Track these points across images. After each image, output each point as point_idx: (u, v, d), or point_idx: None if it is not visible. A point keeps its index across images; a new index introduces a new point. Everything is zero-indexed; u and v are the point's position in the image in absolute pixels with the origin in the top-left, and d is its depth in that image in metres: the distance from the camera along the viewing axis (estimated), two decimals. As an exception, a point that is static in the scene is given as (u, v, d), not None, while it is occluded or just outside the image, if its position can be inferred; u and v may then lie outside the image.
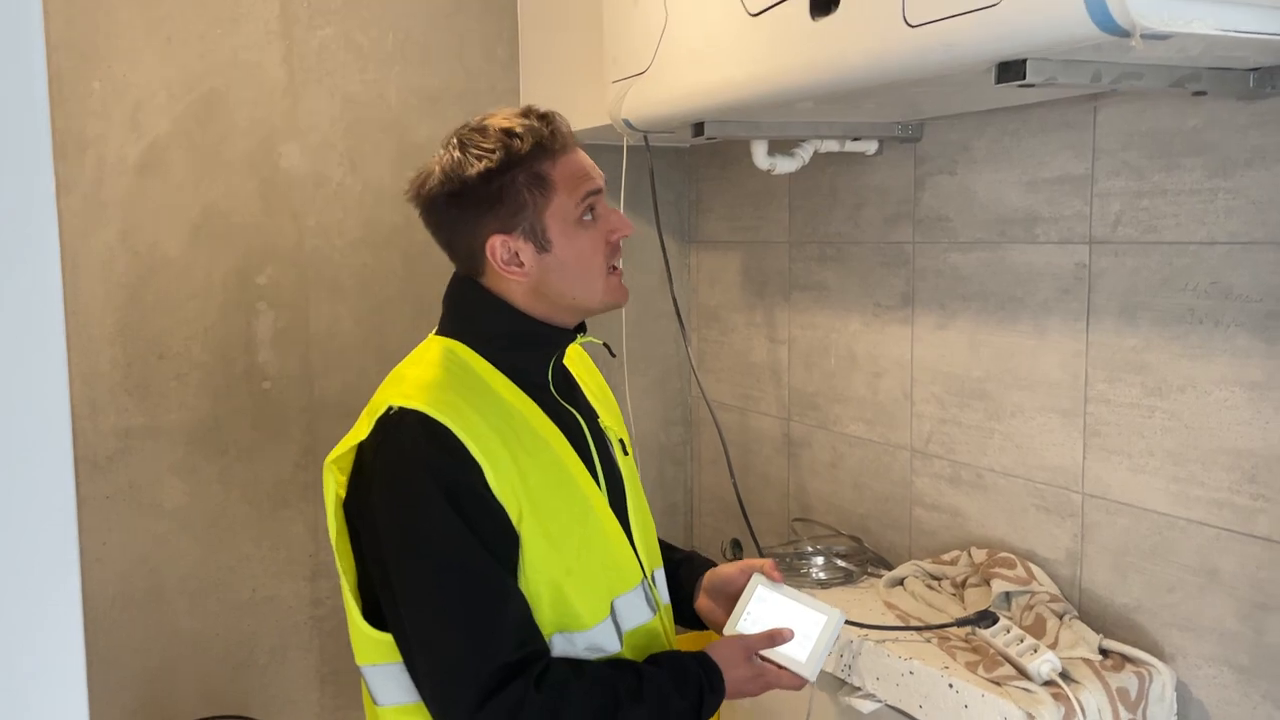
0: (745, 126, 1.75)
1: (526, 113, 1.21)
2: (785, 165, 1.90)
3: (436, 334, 1.27)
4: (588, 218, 1.21)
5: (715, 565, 1.42)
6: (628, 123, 1.80)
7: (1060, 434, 1.64)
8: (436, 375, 1.18)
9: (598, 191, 1.22)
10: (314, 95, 2.13)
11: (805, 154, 1.91)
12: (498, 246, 1.18)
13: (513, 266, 1.19)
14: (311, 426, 2.19)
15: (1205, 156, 1.41)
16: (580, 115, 2.15)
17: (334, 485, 1.19)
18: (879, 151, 1.96)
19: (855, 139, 1.90)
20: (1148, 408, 1.51)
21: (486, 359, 1.21)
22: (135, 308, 2.01)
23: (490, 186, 1.16)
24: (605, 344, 1.40)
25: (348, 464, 1.19)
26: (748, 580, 1.32)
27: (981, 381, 1.78)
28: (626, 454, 1.36)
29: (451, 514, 1.10)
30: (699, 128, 1.69)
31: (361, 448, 1.17)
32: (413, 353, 1.26)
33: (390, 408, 1.15)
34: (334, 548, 1.21)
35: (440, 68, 2.26)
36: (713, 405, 2.41)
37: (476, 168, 1.16)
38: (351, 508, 1.19)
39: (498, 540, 1.12)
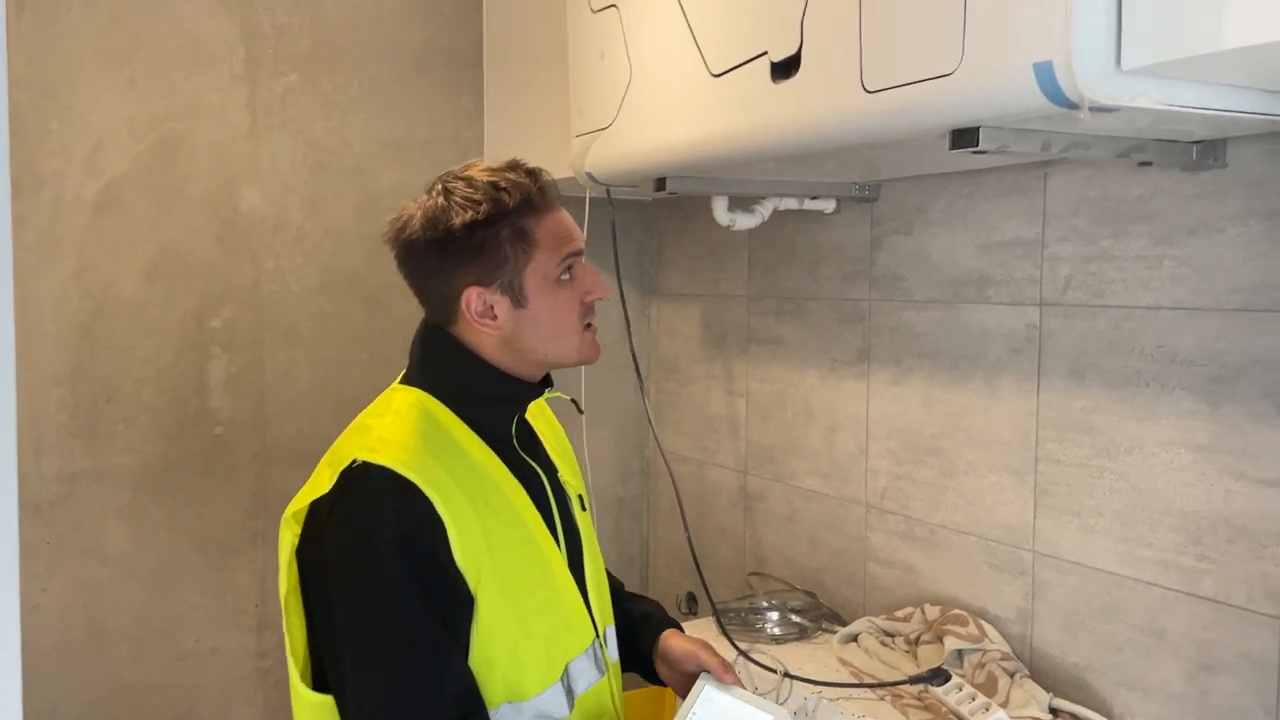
0: (706, 183, 1.77)
1: (514, 166, 1.21)
2: (745, 221, 1.92)
3: (401, 383, 1.24)
4: (565, 277, 1.21)
5: (674, 624, 1.41)
6: (591, 175, 1.82)
7: (1012, 492, 1.66)
8: (404, 428, 1.15)
9: (579, 253, 1.23)
10: (276, 140, 2.13)
11: (765, 211, 1.93)
12: (474, 298, 1.18)
13: (486, 319, 1.19)
14: (263, 473, 2.15)
15: (1151, 224, 1.46)
16: (543, 165, 2.17)
17: (290, 540, 1.16)
18: (837, 210, 1.99)
19: (814, 198, 1.94)
20: (1097, 468, 1.53)
21: (453, 411, 1.19)
22: (86, 348, 1.98)
23: (473, 238, 1.15)
24: (573, 400, 1.39)
25: (303, 516, 1.16)
26: (694, 669, 1.28)
27: (935, 438, 1.80)
28: (585, 509, 1.35)
29: (407, 578, 1.07)
30: (661, 183, 1.71)
31: (318, 499, 1.13)
32: (377, 402, 1.24)
33: (355, 460, 1.11)
34: (283, 603, 1.17)
35: (404, 116, 2.27)
36: (669, 457, 2.41)
37: (462, 217, 1.15)
38: (304, 560, 1.15)
39: (452, 607, 1.10)
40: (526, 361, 1.23)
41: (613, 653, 1.31)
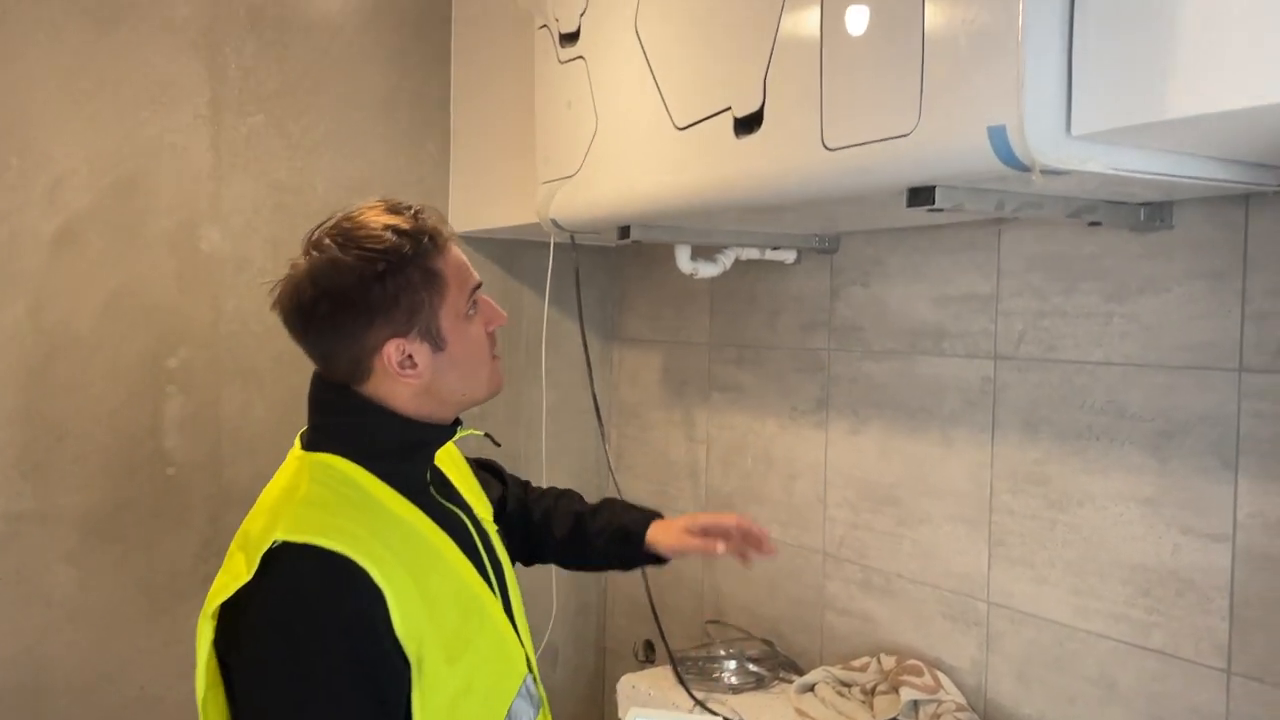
0: (670, 232, 1.79)
1: (397, 208, 1.14)
2: (707, 270, 1.95)
3: (304, 449, 1.15)
4: (472, 312, 1.17)
5: (640, 522, 1.49)
6: (556, 222, 1.84)
7: (967, 542, 1.68)
8: (323, 498, 1.08)
9: (480, 284, 1.20)
10: (240, 180, 2.13)
11: (727, 260, 1.96)
12: (392, 351, 1.10)
13: (407, 369, 1.12)
14: (215, 516, 2.12)
15: (1101, 282, 1.49)
16: (508, 211, 2.19)
17: (208, 635, 1.06)
18: (797, 261, 2.02)
19: (775, 248, 1.97)
20: (1049, 520, 1.56)
21: (370, 470, 1.12)
22: (38, 386, 1.95)
23: (385, 288, 1.08)
24: (486, 434, 1.36)
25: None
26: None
27: (892, 488, 1.82)
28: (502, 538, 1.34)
29: (346, 666, 1.00)
30: (625, 231, 1.73)
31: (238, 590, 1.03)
32: (283, 473, 1.15)
33: (276, 541, 1.02)
34: (200, 705, 1.08)
35: (370, 159, 2.28)
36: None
37: (368, 269, 1.08)
38: (225, 656, 1.06)
39: (391, 683, 1.03)
40: (444, 405, 1.18)
41: (541, 687, 1.29)
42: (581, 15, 1.72)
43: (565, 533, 1.51)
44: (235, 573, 1.04)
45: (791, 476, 2.05)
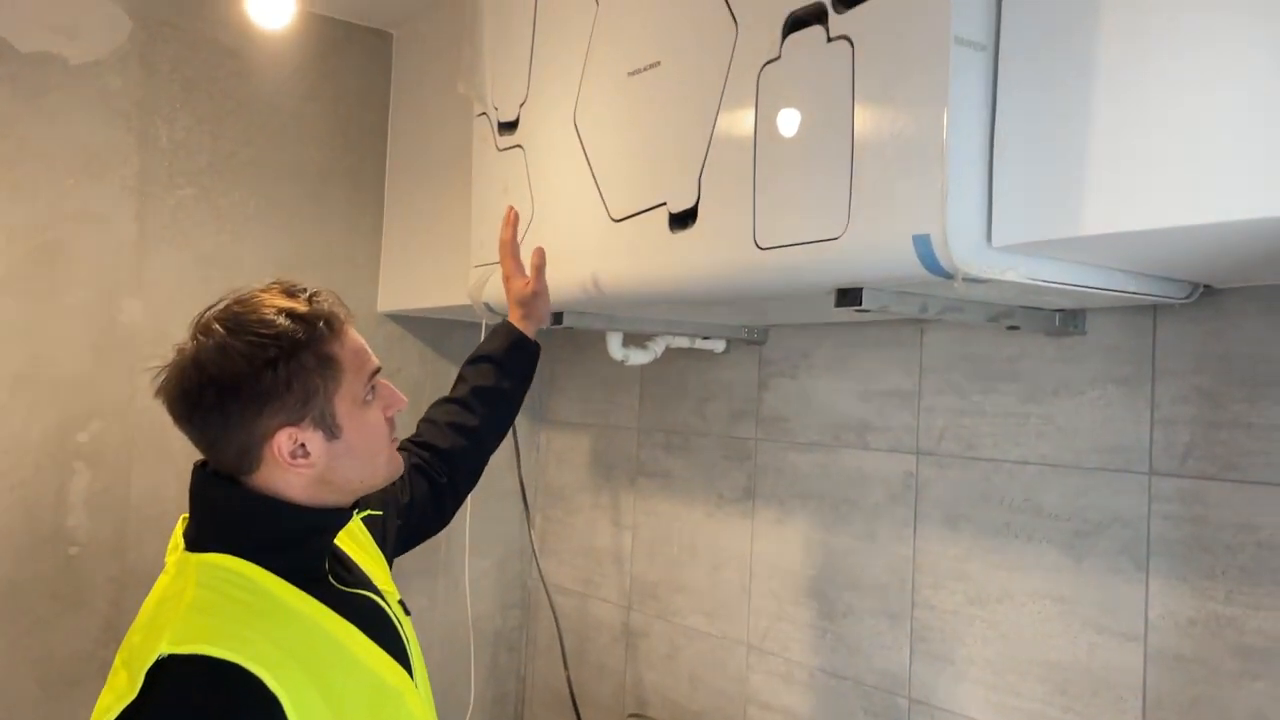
0: (602, 319, 1.81)
1: (292, 290, 1.10)
2: (638, 357, 1.96)
3: (189, 548, 1.08)
4: (369, 397, 1.12)
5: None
6: (489, 306, 1.84)
7: (889, 637, 1.69)
8: (211, 603, 1.01)
9: (378, 370, 1.14)
10: (165, 253, 2.09)
11: (658, 348, 1.98)
12: (284, 440, 1.05)
13: (299, 459, 1.06)
14: (118, 599, 2.03)
15: (1019, 383, 1.54)
16: (439, 292, 2.18)
17: None
18: (727, 350, 2.05)
19: (705, 338, 1.99)
20: (969, 616, 1.57)
21: (263, 566, 1.05)
22: (-65, 459, 1.86)
23: (277, 375, 1.03)
24: (383, 514, 1.32)
25: None
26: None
27: (816, 580, 1.83)
28: (409, 613, 1.29)
29: None
30: (558, 317, 1.74)
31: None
32: (167, 578, 1.08)
33: (160, 655, 0.95)
34: None
35: (301, 234, 2.26)
36: (552, 590, 2.37)
37: (259, 355, 1.02)
38: None
39: None
40: (340, 493, 1.12)
41: None
42: (521, 105, 1.75)
43: (453, 442, 1.51)
44: (119, 691, 0.96)
45: (717, 566, 2.04)
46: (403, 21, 2.36)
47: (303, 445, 1.06)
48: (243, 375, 1.03)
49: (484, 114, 1.87)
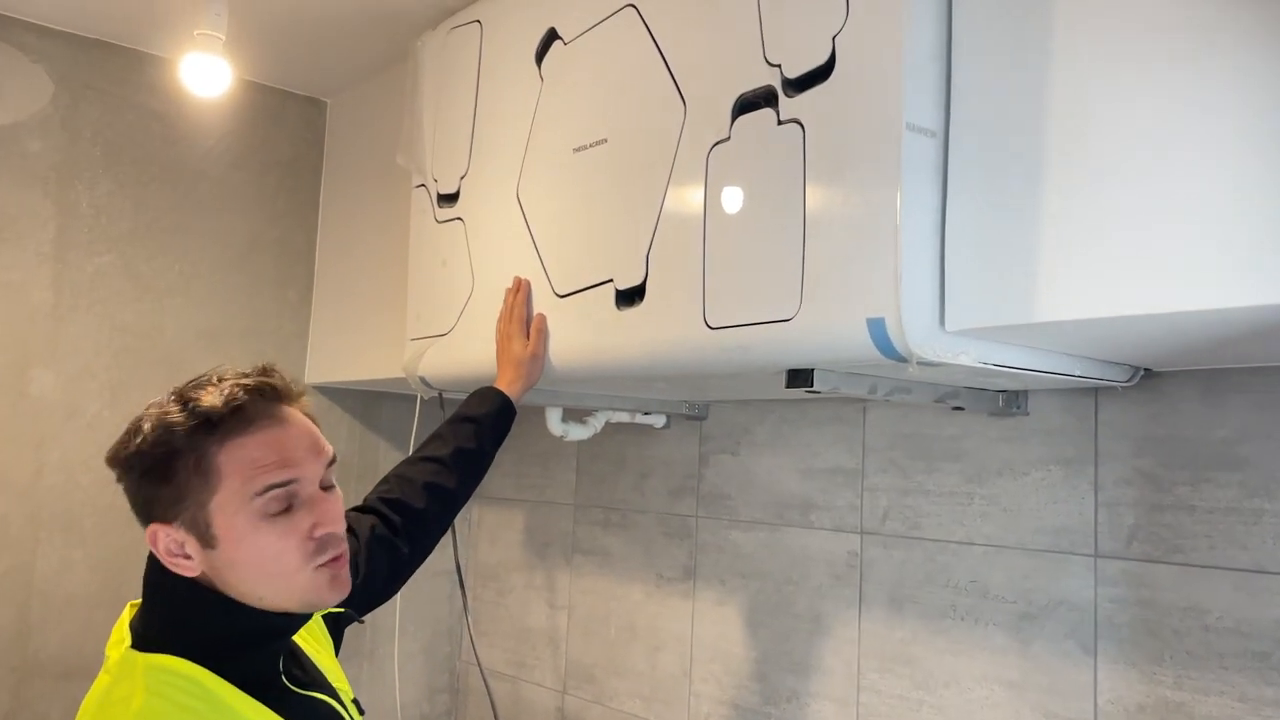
0: (542, 394, 1.76)
1: (214, 379, 1.01)
2: (577, 433, 1.92)
3: (136, 644, 1.01)
4: (275, 510, 0.98)
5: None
6: (424, 380, 1.79)
7: (835, 722, 1.65)
8: (161, 712, 0.94)
9: (286, 482, 0.98)
10: (81, 321, 2.00)
11: (597, 423, 1.94)
12: (160, 536, 0.98)
13: (179, 559, 0.99)
14: (19, 690, 1.89)
15: (962, 463, 1.54)
16: (370, 364, 2.12)
17: None
18: (667, 425, 2.02)
19: (646, 413, 1.96)
20: (916, 701, 1.55)
21: (213, 669, 0.98)
22: None
23: (145, 464, 0.97)
24: (347, 611, 1.23)
25: None
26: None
27: (759, 662, 1.79)
28: (362, 712, 1.22)
29: None
30: (494, 393, 1.69)
31: None
32: (109, 678, 1.00)
33: None
34: None
35: (225, 304, 2.19)
36: (485, 673, 2.28)
37: (139, 439, 0.97)
38: None
39: None
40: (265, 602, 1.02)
41: None
42: (462, 178, 1.73)
43: (427, 504, 1.42)
44: None
45: (656, 648, 1.99)
46: (338, 90, 2.33)
47: (181, 545, 0.98)
48: (129, 454, 0.98)
49: (423, 185, 1.84)
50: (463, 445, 1.48)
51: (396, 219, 2.05)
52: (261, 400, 1.00)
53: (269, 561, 0.98)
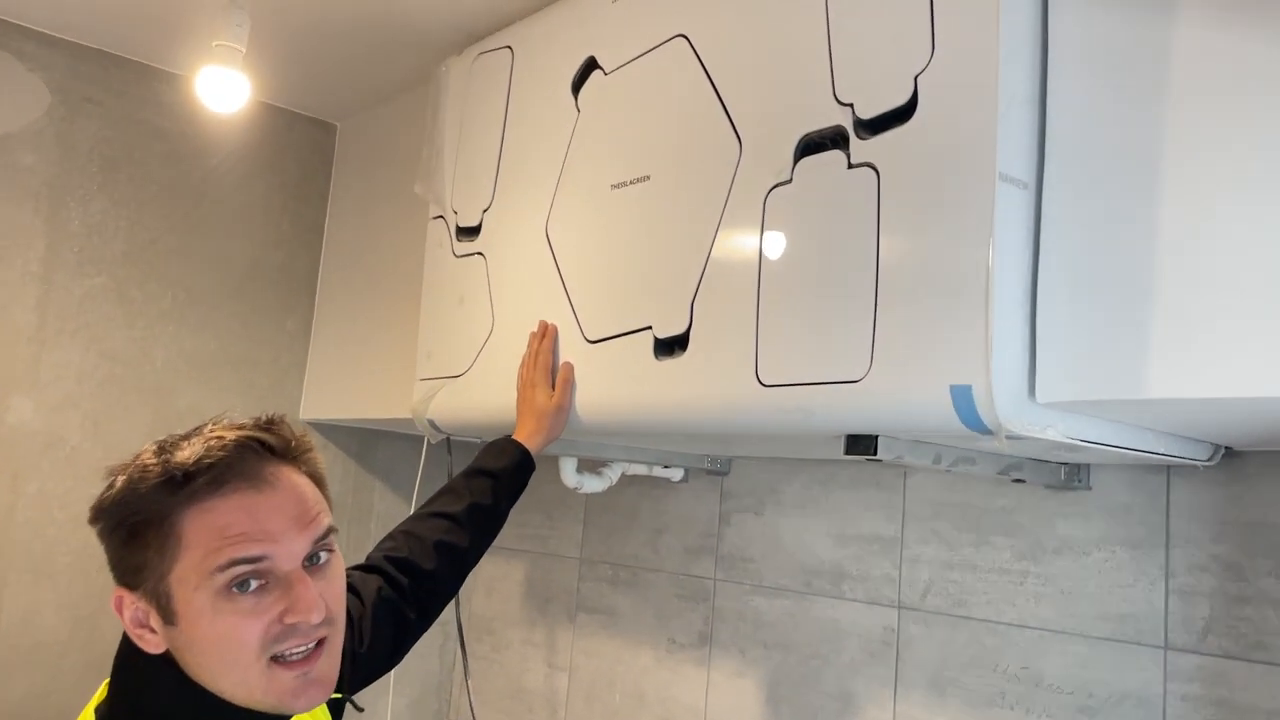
0: (557, 443, 1.65)
1: (226, 429, 0.89)
2: (592, 485, 1.80)
3: None
4: (239, 589, 0.84)
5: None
6: (433, 423, 1.67)
7: (866, 813, 1.53)
8: None
9: (256, 560, 0.84)
10: (65, 347, 1.87)
11: (613, 475, 1.83)
12: (124, 602, 0.88)
13: (144, 631, 0.88)
14: (-26, 744, 1.74)
15: (1014, 538, 1.44)
16: (371, 403, 2.01)
17: None
18: (684, 479, 1.91)
19: (666, 466, 1.85)
20: (959, 794, 1.43)
21: None
22: None
23: (114, 519, 0.86)
24: (348, 698, 1.09)
25: None
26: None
27: (781, 742, 1.67)
28: None
29: None
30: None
31: None
32: None
33: None
34: None
35: (220, 332, 2.07)
36: (477, 736, 2.14)
37: (111, 491, 0.87)
38: None
39: None
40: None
41: None
42: (485, 211, 1.62)
43: (438, 565, 1.30)
44: None
45: (665, 718, 1.86)
46: (349, 113, 2.23)
47: (146, 615, 0.87)
48: (101, 507, 0.87)
49: (441, 217, 1.73)
50: (477, 501, 1.37)
51: (406, 250, 1.94)
52: (246, 458, 0.87)
53: (226, 648, 0.85)
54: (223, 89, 1.52)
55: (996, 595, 1.44)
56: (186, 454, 0.85)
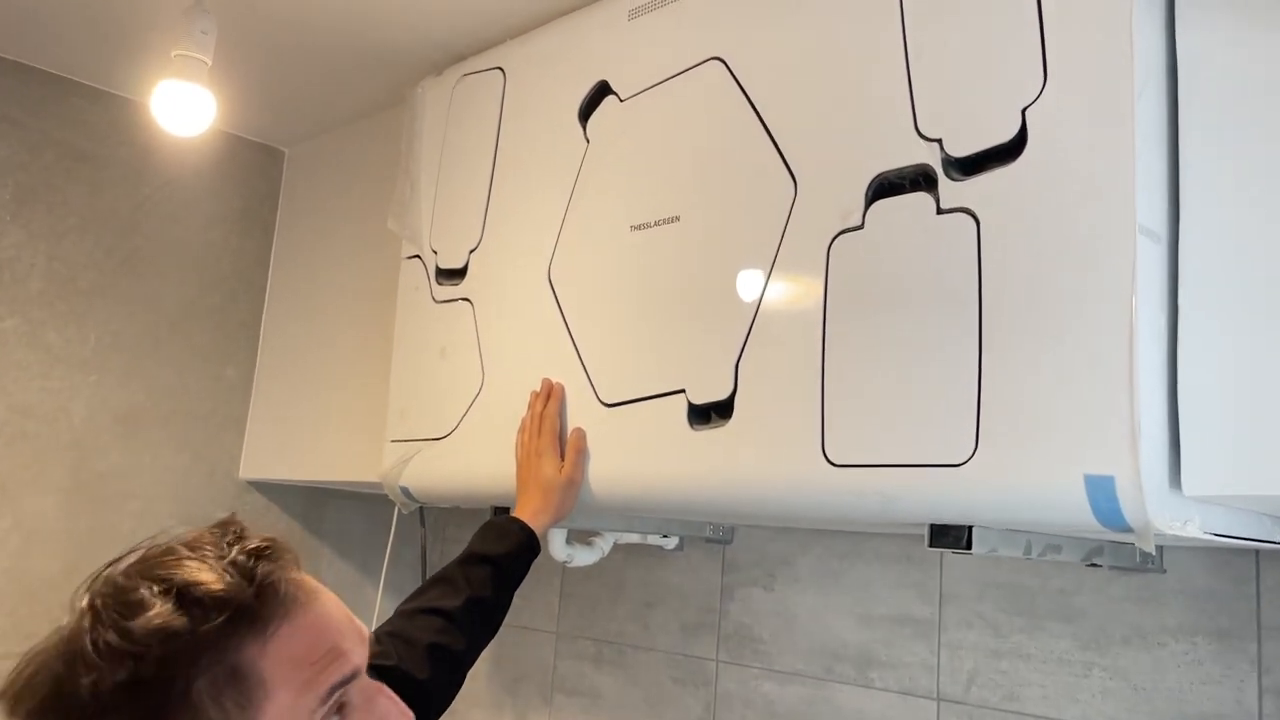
0: (550, 515, 1.46)
1: (222, 550, 0.70)
2: (584, 558, 1.61)
3: None
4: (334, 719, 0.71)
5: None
6: (407, 492, 1.46)
7: None
8: None
9: (353, 675, 0.72)
10: (-31, 400, 1.61)
11: (605, 546, 1.63)
12: None
13: None
14: None
15: (1074, 625, 1.29)
16: (322, 463, 1.79)
17: None
18: (679, 548, 1.73)
19: (665, 535, 1.67)
20: None
21: None
22: None
23: (140, 705, 0.64)
24: None
25: None
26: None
27: None
28: None
29: None
30: (503, 511, 1.38)
31: None
32: None
33: None
34: None
35: (151, 382, 1.82)
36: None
37: (113, 675, 0.63)
38: None
39: None
40: None
41: None
42: (472, 252, 1.43)
43: (433, 672, 1.09)
44: None
45: (661, 817, 1.67)
46: (300, 139, 2.01)
47: None
48: (82, 704, 0.63)
49: (417, 257, 1.53)
50: (476, 594, 1.18)
51: (366, 291, 1.74)
52: (284, 569, 0.71)
53: None
54: (184, 109, 1.28)
55: (1054, 689, 1.29)
56: (229, 580, 0.67)
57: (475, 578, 1.17)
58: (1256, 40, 0.85)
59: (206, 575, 0.67)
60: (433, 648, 1.11)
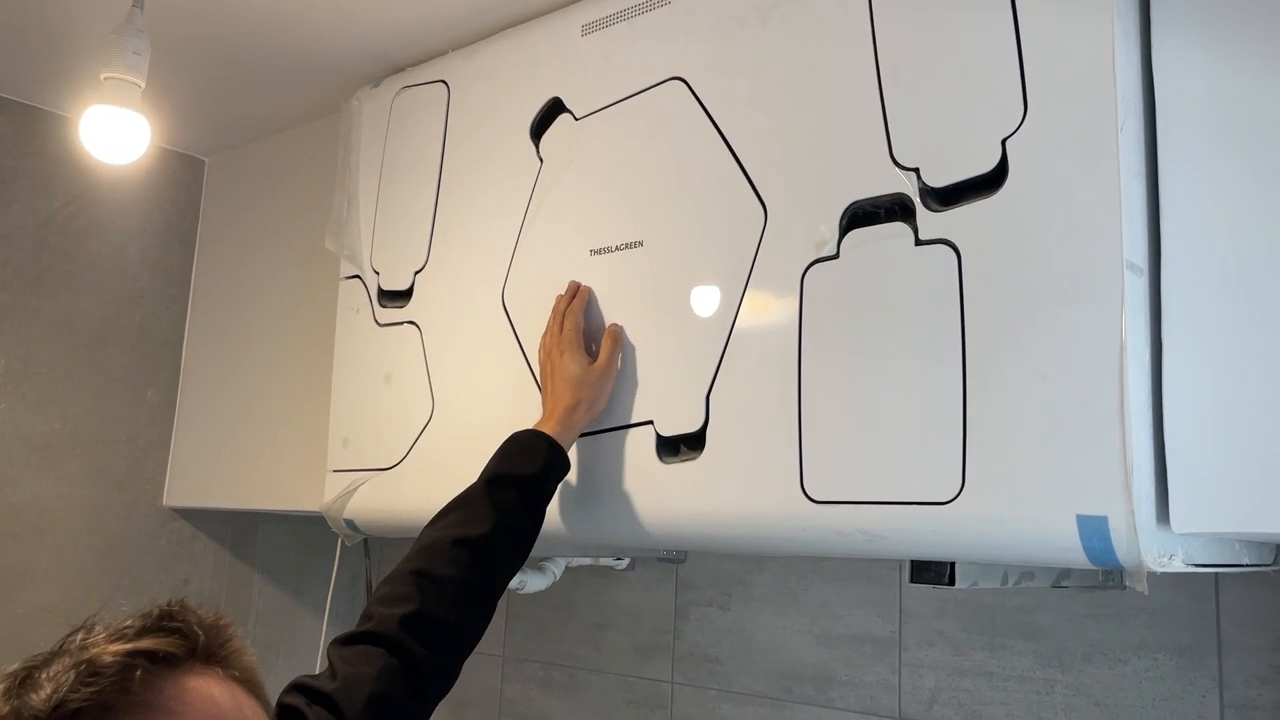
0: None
1: (119, 633, 0.64)
2: (536, 583, 1.55)
3: None
4: None
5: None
6: (351, 524, 1.40)
7: None
8: None
9: None
10: None
11: (557, 570, 1.58)
12: None
13: None
14: None
15: (1036, 642, 1.30)
16: (250, 489, 1.71)
17: None
18: (630, 567, 1.69)
19: (618, 558, 1.63)
20: None
21: None
22: None
23: None
24: None
25: None
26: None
27: None
28: None
29: None
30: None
31: None
32: None
33: None
34: None
35: (66, 408, 1.71)
36: None
37: None
38: None
39: None
40: None
41: None
42: (418, 273, 1.37)
43: (462, 613, 0.99)
44: None
45: (617, 844, 1.63)
46: (220, 147, 1.91)
47: None
48: None
49: (357, 277, 1.46)
50: (505, 521, 1.04)
51: (295, 307, 1.67)
52: (131, 685, 0.61)
53: None
54: (116, 134, 1.18)
55: (1017, 707, 1.30)
56: (46, 693, 0.59)
57: (504, 502, 1.05)
58: (1233, 71, 0.85)
59: (44, 686, 0.60)
60: (465, 585, 0.99)
